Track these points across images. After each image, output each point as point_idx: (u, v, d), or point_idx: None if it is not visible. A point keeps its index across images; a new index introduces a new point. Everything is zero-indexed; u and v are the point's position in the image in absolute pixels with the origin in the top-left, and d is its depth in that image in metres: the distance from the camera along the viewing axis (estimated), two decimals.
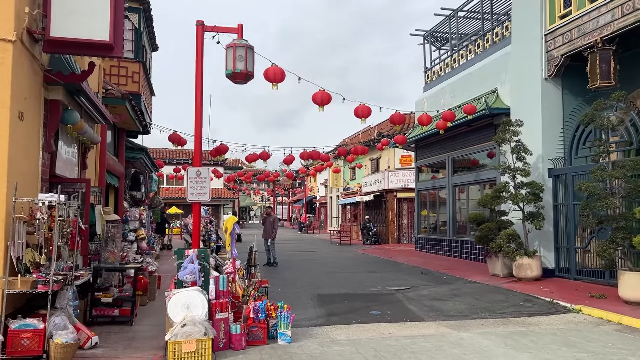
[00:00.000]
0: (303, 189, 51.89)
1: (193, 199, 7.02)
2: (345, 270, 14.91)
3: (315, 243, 27.32)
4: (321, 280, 12.78)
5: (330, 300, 10.02)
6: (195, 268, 6.62)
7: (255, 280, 8.60)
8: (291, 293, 10.78)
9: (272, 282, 12.03)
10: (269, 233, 16.31)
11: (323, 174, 40.99)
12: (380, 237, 25.65)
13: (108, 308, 7.80)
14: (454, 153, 17.78)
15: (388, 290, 11.14)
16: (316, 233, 38.97)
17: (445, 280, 12.65)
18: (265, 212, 17.43)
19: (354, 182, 31.85)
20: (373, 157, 28.24)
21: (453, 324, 7.98)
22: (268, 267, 15.50)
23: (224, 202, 45.51)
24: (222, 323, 6.55)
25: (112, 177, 13.36)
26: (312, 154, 15.16)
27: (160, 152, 39.51)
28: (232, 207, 59.14)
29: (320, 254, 20.26)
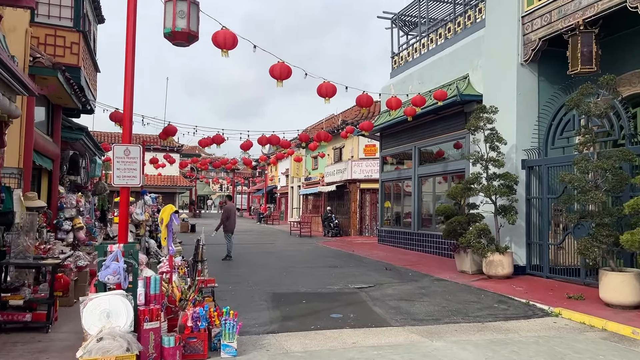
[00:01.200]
0: (263, 178, 50.53)
1: (120, 183, 5.78)
2: (305, 264, 13.87)
3: (275, 234, 26.20)
4: (279, 276, 11.69)
5: (287, 300, 8.95)
6: (120, 267, 5.41)
7: (197, 279, 7.43)
8: (244, 292, 9.66)
9: (224, 280, 10.87)
10: (222, 224, 15.24)
11: (284, 164, 39.80)
12: (342, 229, 24.75)
13: (18, 312, 6.48)
14: (421, 143, 16.97)
15: (350, 289, 10.17)
16: (276, 224, 37.83)
17: (412, 277, 11.79)
18: (221, 202, 16.31)
19: (316, 172, 30.83)
20: (336, 147, 27.26)
21: (424, 330, 7.05)
22: (221, 263, 14.29)
23: (179, 190, 43.72)
24: (152, 334, 5.37)
25: (43, 158, 11.83)
26: (271, 138, 14.01)
27: (109, 137, 37.39)
28: (190, 196, 57.22)
29: (279, 247, 19.17)
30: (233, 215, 15.44)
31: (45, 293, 6.67)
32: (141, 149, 5.92)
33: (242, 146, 15.79)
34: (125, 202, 5.82)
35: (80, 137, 14.03)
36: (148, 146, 32.84)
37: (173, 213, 6.16)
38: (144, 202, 14.92)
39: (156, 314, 5.45)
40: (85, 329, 5.04)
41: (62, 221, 12.91)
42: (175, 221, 6.21)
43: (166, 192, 41.63)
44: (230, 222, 15.27)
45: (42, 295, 6.64)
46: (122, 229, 5.79)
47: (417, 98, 11.88)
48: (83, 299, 5.15)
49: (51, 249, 8.58)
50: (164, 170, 39.49)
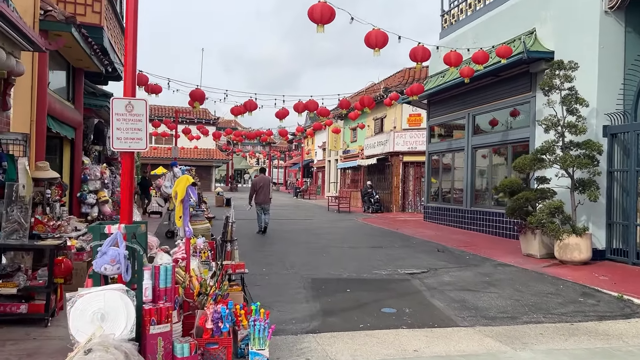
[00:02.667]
0: (300, 152, 49.32)
1: (121, 147, 4.54)
2: (346, 244, 12.57)
3: (311, 210, 25.02)
4: (317, 257, 10.43)
5: (329, 288, 7.68)
6: (120, 254, 4.20)
7: (224, 264, 6.22)
8: (278, 277, 8.44)
9: (256, 260, 9.70)
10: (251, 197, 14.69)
11: (321, 136, 38.40)
12: (382, 205, 23.31)
13: (11, 303, 5.44)
14: (476, 109, 15.22)
15: (401, 275, 8.82)
16: (312, 199, 36.68)
17: (469, 261, 10.33)
18: (256, 175, 15.27)
19: (355, 145, 29.31)
20: (377, 117, 25.63)
21: (501, 333, 5.65)
22: (254, 240, 13.18)
23: (215, 163, 43.08)
24: (161, 341, 4.18)
25: (62, 126, 10.83)
26: (308, 104, 12.61)
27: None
28: (227, 169, 56.73)
29: (317, 223, 17.94)
30: (262, 188, 14.53)
31: (44, 280, 5.59)
32: (147, 104, 4.65)
33: (277, 114, 14.47)
34: (128, 171, 4.58)
35: (105, 104, 12.99)
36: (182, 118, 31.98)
37: (190, 186, 4.90)
38: (173, 175, 13.90)
39: (166, 315, 4.24)
40: (72, 335, 3.88)
41: (86, 194, 12.01)
42: (193, 195, 4.95)
43: (202, 166, 41.05)
44: (259, 195, 14.46)
45: (40, 283, 5.56)
46: (125, 205, 4.58)
47: (479, 54, 10.21)
48: (71, 295, 3.97)
49: (61, 226, 7.55)
50: (200, 143, 38.83)
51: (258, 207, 14.49)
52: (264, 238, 13.51)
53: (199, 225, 9.58)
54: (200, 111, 41.26)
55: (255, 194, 14.50)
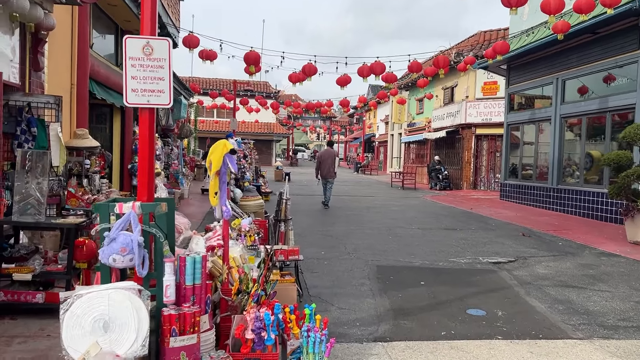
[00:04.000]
0: (361, 126, 47.76)
1: (137, 101, 3.50)
2: (414, 225, 11.26)
3: (373, 186, 23.71)
4: (383, 240, 9.22)
5: (398, 279, 6.48)
6: (134, 241, 3.20)
7: (273, 250, 5.16)
8: (338, 263, 7.31)
9: (315, 242, 8.63)
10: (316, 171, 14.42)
11: (384, 109, 36.71)
12: (451, 182, 21.63)
13: (26, 290, 4.63)
14: (567, 73, 13.25)
15: (483, 264, 7.46)
16: (374, 174, 35.29)
17: (564, 248, 8.78)
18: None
19: (421, 117, 27.52)
20: (447, 86, 23.71)
21: (631, 351, 4.26)
22: (313, 218, 12.15)
23: (276, 137, 42.48)
24: (185, 357, 3.17)
25: (111, 93, 10.13)
26: (374, 66, 11.20)
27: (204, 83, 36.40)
28: (287, 144, 56.19)
29: (380, 200, 16.67)
30: (326, 162, 14.18)
31: (64, 264, 4.74)
32: (170, 46, 3.56)
33: (338, 81, 13.20)
34: (146, 133, 3.55)
35: None
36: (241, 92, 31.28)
37: (227, 154, 3.80)
38: None
39: (192, 322, 3.20)
40: (65, 350, 2.92)
41: (137, 166, 11.35)
42: (232, 166, 3.85)
43: (262, 140, 40.55)
44: (323, 169, 14.14)
45: (59, 268, 4.72)
46: (143, 177, 3.56)
47: (583, 1, 8.41)
48: (66, 295, 3.00)
49: (98, 200, 6.75)
50: (261, 117, 38.20)
51: (322, 180, 14.27)
52: (323, 216, 12.44)
53: (251, 201, 8.60)
54: (260, 84, 40.58)
55: (320, 168, 14.21)
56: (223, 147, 3.83)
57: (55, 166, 6.46)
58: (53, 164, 6.43)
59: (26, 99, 6.31)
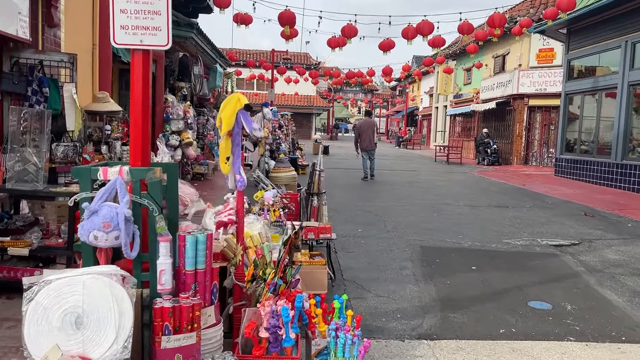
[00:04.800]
0: (404, 98, 46.23)
1: (127, 41, 2.83)
2: (461, 201, 10.36)
3: (416, 160, 22.68)
4: (427, 218, 8.40)
5: (446, 263, 5.70)
6: (120, 215, 2.57)
7: (302, 227, 4.48)
8: (377, 242, 6.57)
9: (351, 218, 7.91)
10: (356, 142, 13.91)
11: (428, 81, 35.22)
12: (500, 156, 20.35)
13: (24, 267, 4.14)
14: (637, 35, 11.82)
15: (543, 247, 6.57)
16: (417, 149, 34.06)
17: (635, 230, 7.74)
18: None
19: (469, 88, 26.05)
20: (497, 54, 22.20)
21: None
22: (351, 192, 11.43)
23: (316, 110, 41.71)
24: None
25: None
26: (421, 26, 10.11)
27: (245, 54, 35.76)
28: (327, 118, 55.31)
29: (424, 175, 15.73)
30: (366, 133, 13.64)
31: (65, 239, 4.21)
32: None
33: (381, 45, 12.26)
34: (140, 84, 2.88)
35: (189, 34, 11.55)
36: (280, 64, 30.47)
37: (241, 110, 3.08)
38: (262, 116, 12.39)
39: (189, 317, 2.56)
40: (26, 349, 2.33)
41: (169, 135, 10.89)
42: (247, 124, 3.12)
43: (302, 112, 39.87)
44: (363, 140, 13.60)
45: (59, 243, 4.18)
46: (136, 137, 2.91)
47: None
48: (31, 282, 2.40)
49: None
50: (301, 89, 37.45)
51: (363, 153, 13.74)
52: (361, 191, 11.69)
53: (283, 173, 7.94)
54: (300, 55, 39.68)
55: (360, 139, 13.69)
56: (236, 102, 3.12)
57: (70, 131, 5.96)
58: (68, 129, 5.92)
59: (38, 56, 5.78)
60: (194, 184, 11.95)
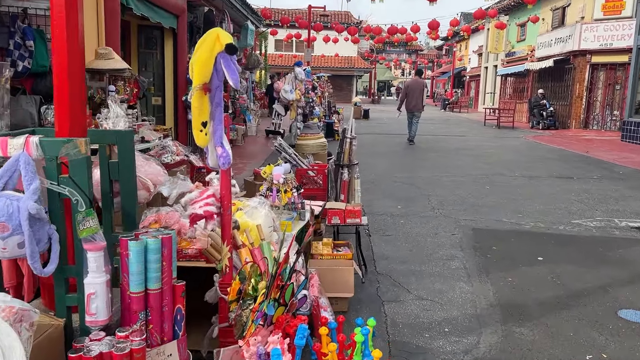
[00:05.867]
0: (450, 59, 43.86)
1: None
2: (517, 171, 9.13)
3: (463, 124, 21.14)
4: (479, 191, 7.28)
5: (504, 251, 4.64)
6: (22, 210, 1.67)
7: (323, 208, 3.55)
8: (419, 223, 5.54)
9: (389, 192, 6.89)
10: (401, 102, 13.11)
11: (477, 39, 32.95)
12: (557, 120, 18.59)
13: None
14: None
15: (624, 230, 5.39)
16: (464, 112, 32.17)
17: None
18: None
19: (523, 45, 23.97)
20: (556, 6, 20.08)
21: None
22: (390, 160, 10.36)
23: (357, 72, 40.12)
24: None
25: (156, 10, 8.67)
26: None
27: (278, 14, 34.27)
28: (369, 80, 53.47)
29: (473, 141, 14.39)
30: (413, 93, 12.70)
31: None
32: None
33: None
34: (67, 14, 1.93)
35: None
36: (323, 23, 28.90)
37: (222, 53, 2.11)
38: (294, 76, 11.34)
39: None
40: None
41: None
42: (230, 76, 2.14)
43: (342, 75, 38.39)
44: (410, 100, 12.71)
45: None
46: (62, 101, 1.98)
47: None
48: None
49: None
50: (341, 50, 35.87)
51: (408, 114, 12.93)
52: (403, 159, 10.59)
53: (310, 140, 6.94)
54: (341, 14, 37.91)
55: (407, 99, 12.83)
56: (214, 40, 2.13)
57: None
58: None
59: (21, 3, 4.96)
60: None
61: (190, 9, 10.71)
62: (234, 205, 3.08)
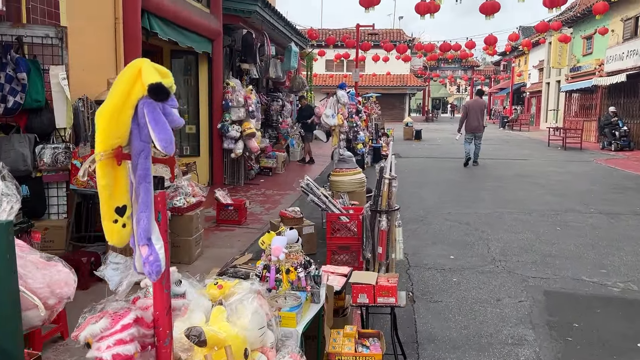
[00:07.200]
0: (509, 74, 41.85)
1: None
2: (591, 205, 7.85)
3: (525, 145, 19.60)
4: (548, 233, 6.12)
5: (588, 330, 3.55)
6: None
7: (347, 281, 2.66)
8: (477, 283, 4.50)
9: (439, 234, 5.83)
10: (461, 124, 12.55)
11: (537, 54, 31.16)
12: (632, 140, 16.78)
13: None
14: None
15: None
16: (524, 130, 30.27)
17: None
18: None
19: (589, 59, 22.18)
20: (628, 16, 18.36)
21: None
22: (440, 189, 9.29)
23: (410, 90, 38.98)
24: None
25: (187, 34, 8.17)
26: None
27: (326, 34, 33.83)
28: (423, 98, 52.09)
29: (535, 166, 13.01)
30: (473, 113, 12.29)
31: None
32: None
33: (482, 8, 9.87)
34: None
35: (253, 7, 9.99)
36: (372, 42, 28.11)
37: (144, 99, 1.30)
38: (336, 100, 10.54)
39: None
40: None
41: (228, 125, 9.46)
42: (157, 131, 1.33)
43: (394, 94, 37.39)
44: (471, 121, 12.22)
45: None
46: None
47: None
48: None
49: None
50: (393, 69, 34.90)
51: (468, 135, 12.44)
52: (458, 189, 9.49)
53: (345, 175, 6.04)
54: (393, 32, 37.14)
55: (467, 119, 12.35)
56: (134, 79, 1.32)
57: (61, 128, 4.58)
58: (57, 126, 4.54)
59: (15, 31, 4.42)
60: (260, 180, 10.50)
61: (228, 31, 10.19)
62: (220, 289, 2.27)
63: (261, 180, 10.44)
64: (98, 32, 5.83)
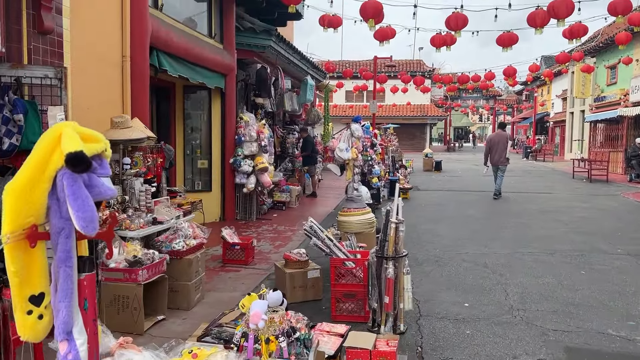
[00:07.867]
0: (532, 104, 41.30)
1: None
2: (618, 244, 7.42)
3: (548, 177, 19.07)
4: (570, 278, 5.74)
5: None
6: None
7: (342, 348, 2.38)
8: (491, 335, 4.16)
9: (455, 279, 5.50)
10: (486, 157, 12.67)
11: (560, 83, 30.70)
12: None
13: None
14: None
15: None
16: (548, 160, 29.63)
17: None
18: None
19: (614, 89, 21.70)
20: None
21: None
22: (460, 230, 8.94)
23: (430, 120, 38.74)
24: None
25: (197, 70, 8.15)
26: (554, 5, 7.29)
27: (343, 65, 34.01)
28: (444, 127, 51.76)
29: (560, 200, 12.54)
30: (496, 146, 12.45)
31: None
32: None
33: (500, 40, 9.67)
34: None
35: (267, 42, 9.99)
36: (388, 74, 28.15)
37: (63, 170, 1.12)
38: (350, 133, 10.36)
39: None
40: None
41: (240, 160, 9.35)
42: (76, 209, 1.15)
43: (414, 124, 37.21)
44: (494, 154, 12.43)
45: None
46: None
47: None
48: None
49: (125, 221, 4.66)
50: (413, 99, 34.83)
51: (493, 168, 12.62)
52: (477, 225, 9.14)
53: (354, 215, 5.80)
54: (413, 63, 37.18)
55: (490, 153, 12.58)
56: (52, 147, 1.13)
57: None
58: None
59: (14, 72, 4.38)
60: (272, 215, 10.31)
61: (242, 66, 10.18)
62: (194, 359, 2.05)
63: (274, 215, 10.24)
64: (104, 70, 5.79)
